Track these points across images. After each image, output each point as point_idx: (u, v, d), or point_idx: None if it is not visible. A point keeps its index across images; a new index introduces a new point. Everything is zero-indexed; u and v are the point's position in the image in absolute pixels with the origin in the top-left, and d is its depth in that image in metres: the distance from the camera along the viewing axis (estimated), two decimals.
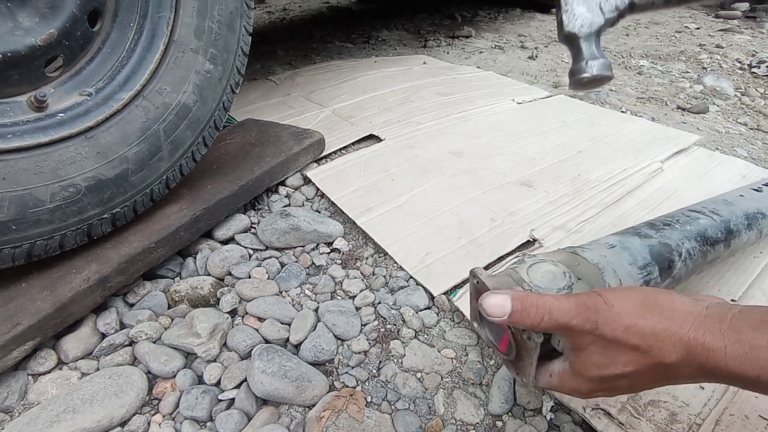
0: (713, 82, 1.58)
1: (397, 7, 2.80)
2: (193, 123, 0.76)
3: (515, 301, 0.40)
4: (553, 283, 0.46)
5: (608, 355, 0.39)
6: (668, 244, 0.54)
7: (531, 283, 0.45)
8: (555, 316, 0.39)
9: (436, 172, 1.00)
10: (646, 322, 0.37)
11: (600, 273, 0.48)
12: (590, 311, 0.39)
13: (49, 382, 0.60)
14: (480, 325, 0.52)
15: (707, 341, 0.35)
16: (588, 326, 0.38)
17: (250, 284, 0.74)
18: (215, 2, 0.76)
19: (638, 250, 0.53)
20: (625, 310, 0.38)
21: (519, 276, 0.46)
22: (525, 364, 0.45)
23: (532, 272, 0.47)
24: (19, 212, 0.60)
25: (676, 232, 0.56)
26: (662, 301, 0.38)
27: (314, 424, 0.55)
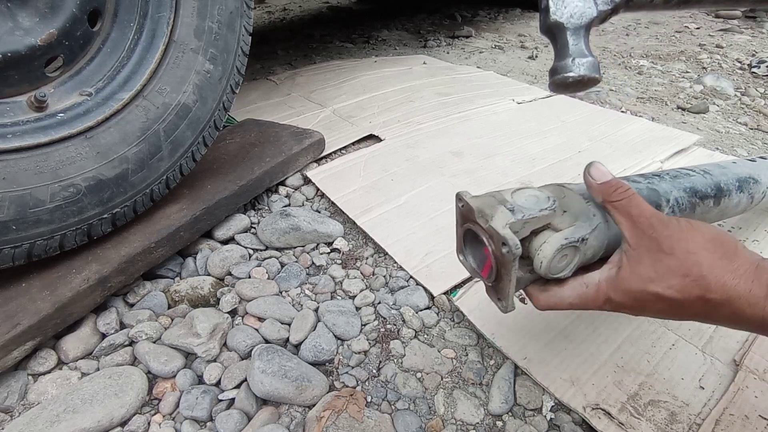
0: (713, 82, 1.58)
1: (397, 7, 2.80)
2: (193, 123, 0.76)
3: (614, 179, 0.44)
4: (536, 204, 0.46)
5: (658, 270, 0.39)
6: (656, 190, 0.53)
7: (514, 203, 0.46)
8: (634, 201, 0.41)
9: (436, 172, 1.00)
10: (708, 255, 0.38)
11: (586, 203, 0.47)
12: (661, 222, 0.40)
13: (49, 382, 0.60)
14: (464, 255, 0.52)
15: (753, 289, 0.37)
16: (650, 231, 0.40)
17: (250, 284, 0.74)
18: (215, 2, 0.76)
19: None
20: (693, 238, 0.39)
21: (502, 197, 0.47)
22: (504, 284, 0.46)
23: (516, 195, 0.47)
24: (19, 212, 0.60)
25: (664, 182, 0.55)
26: (728, 242, 0.40)
27: (314, 424, 0.55)
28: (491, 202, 0.46)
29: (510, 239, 0.42)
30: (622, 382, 0.58)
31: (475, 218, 0.46)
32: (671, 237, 0.39)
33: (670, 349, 0.62)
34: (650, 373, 0.59)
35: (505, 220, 0.44)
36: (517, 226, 0.44)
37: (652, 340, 0.63)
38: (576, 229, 0.45)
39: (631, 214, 0.41)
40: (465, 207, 0.48)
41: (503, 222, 0.44)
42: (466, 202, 0.48)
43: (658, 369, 0.60)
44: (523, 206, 0.45)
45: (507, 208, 0.45)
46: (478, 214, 0.46)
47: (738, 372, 0.58)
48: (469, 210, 0.47)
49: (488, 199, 0.47)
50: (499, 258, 0.45)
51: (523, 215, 0.44)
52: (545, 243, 0.44)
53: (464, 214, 0.49)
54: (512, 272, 0.44)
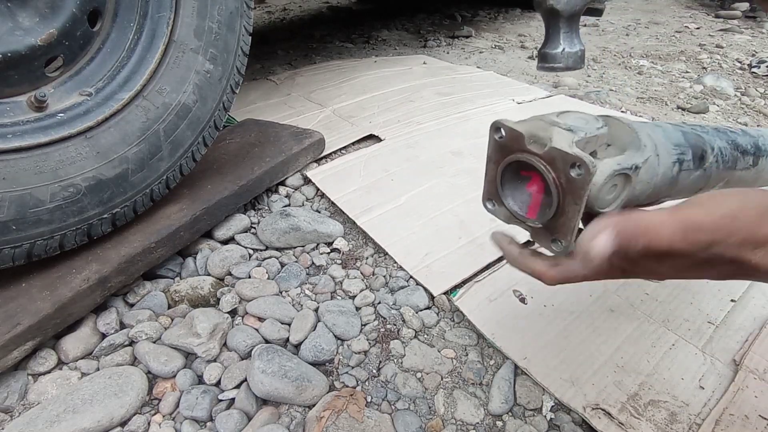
0: (713, 82, 1.58)
1: (397, 7, 2.80)
2: (193, 123, 0.76)
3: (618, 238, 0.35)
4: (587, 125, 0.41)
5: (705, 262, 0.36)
6: (700, 136, 0.49)
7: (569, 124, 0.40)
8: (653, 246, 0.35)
9: (436, 172, 1.00)
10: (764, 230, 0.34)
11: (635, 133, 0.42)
12: (701, 233, 0.34)
13: (49, 382, 0.60)
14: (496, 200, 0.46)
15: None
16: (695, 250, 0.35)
17: (250, 284, 0.74)
18: (215, 2, 0.76)
19: (671, 131, 0.48)
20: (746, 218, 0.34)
21: (551, 119, 0.41)
22: (568, 217, 0.39)
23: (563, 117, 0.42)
24: (19, 212, 0.60)
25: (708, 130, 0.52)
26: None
27: (314, 424, 0.55)
28: (541, 126, 0.40)
29: (585, 157, 0.36)
30: (622, 382, 0.58)
31: (524, 146, 0.40)
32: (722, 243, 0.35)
33: (670, 349, 0.62)
34: (650, 373, 0.59)
35: (568, 140, 0.38)
36: (581, 144, 0.38)
37: (652, 340, 0.63)
38: (628, 156, 0.40)
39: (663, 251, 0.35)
40: (508, 135, 0.41)
41: (568, 140, 0.38)
42: (510, 129, 0.41)
43: (658, 369, 0.60)
44: (576, 125, 0.40)
45: (563, 128, 0.39)
46: (529, 140, 0.39)
47: (738, 372, 0.58)
48: (515, 137, 0.40)
49: (536, 122, 0.41)
50: (565, 185, 0.38)
51: (585, 133, 0.39)
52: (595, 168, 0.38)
53: (506, 145, 0.42)
54: (584, 198, 0.37)
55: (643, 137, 0.43)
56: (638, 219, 0.36)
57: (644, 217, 0.36)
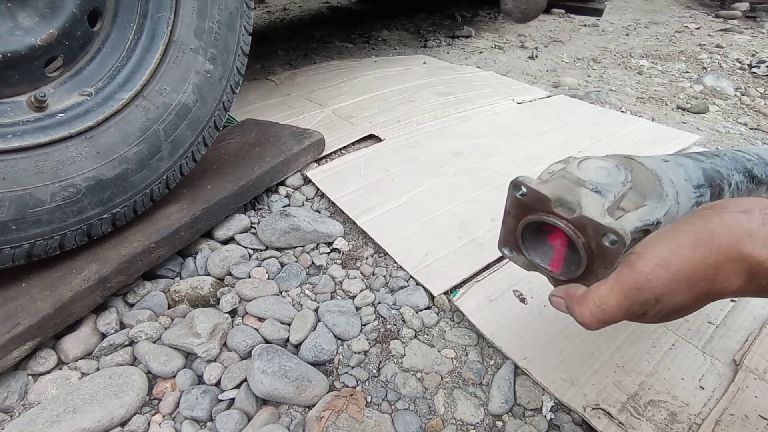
0: (713, 82, 1.58)
1: (397, 7, 2.80)
2: (193, 123, 0.76)
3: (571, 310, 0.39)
4: (610, 178, 0.39)
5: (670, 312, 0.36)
6: (719, 171, 0.49)
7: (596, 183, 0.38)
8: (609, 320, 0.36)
9: (436, 172, 1.00)
10: (707, 262, 0.34)
11: (658, 181, 0.42)
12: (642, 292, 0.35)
13: (49, 382, 0.60)
14: (515, 249, 0.45)
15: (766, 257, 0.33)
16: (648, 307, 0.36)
17: (250, 284, 0.74)
18: (215, 2, 0.76)
19: (692, 169, 0.47)
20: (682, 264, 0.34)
21: (575, 176, 0.39)
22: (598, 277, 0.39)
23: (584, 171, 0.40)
24: (19, 212, 0.60)
25: (726, 162, 0.51)
26: (717, 226, 0.35)
27: (314, 424, 0.55)
28: (568, 186, 0.39)
29: (620, 230, 0.35)
30: (622, 382, 0.58)
31: (550, 208, 0.39)
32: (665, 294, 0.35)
33: (670, 349, 0.62)
34: (650, 373, 0.59)
35: (599, 206, 0.36)
36: (612, 210, 0.37)
37: (652, 340, 0.63)
38: (649, 210, 0.39)
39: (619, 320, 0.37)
40: (531, 196, 0.40)
41: (599, 208, 0.36)
42: (534, 191, 0.39)
43: (658, 369, 0.60)
44: (603, 183, 0.38)
45: (591, 190, 0.37)
46: (555, 204, 0.38)
47: (738, 372, 0.58)
48: (539, 199, 0.39)
49: (562, 182, 0.40)
50: (596, 251, 0.37)
51: (614, 195, 0.37)
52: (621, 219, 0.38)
53: (527, 204, 0.41)
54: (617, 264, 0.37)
55: (666, 185, 0.42)
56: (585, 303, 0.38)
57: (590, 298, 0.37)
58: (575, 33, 2.35)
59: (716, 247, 0.34)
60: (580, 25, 2.49)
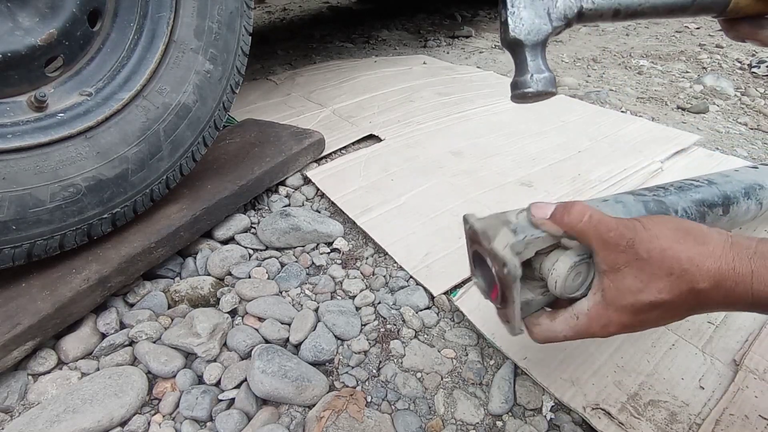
0: (713, 82, 1.58)
1: (397, 7, 2.80)
2: (193, 123, 0.76)
3: (559, 205, 0.43)
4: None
5: (643, 279, 0.39)
6: (663, 202, 0.52)
7: (517, 225, 0.45)
8: (594, 220, 0.41)
9: (436, 172, 1.00)
10: (681, 247, 0.38)
11: None
12: (628, 229, 0.40)
13: (49, 382, 0.60)
14: (474, 274, 0.52)
15: (736, 267, 0.36)
16: (624, 242, 0.39)
17: (250, 284, 0.74)
18: (215, 2, 0.76)
19: (632, 205, 0.51)
20: (661, 234, 0.39)
21: (506, 217, 0.46)
22: (510, 307, 0.45)
23: (521, 216, 0.46)
24: (19, 212, 0.60)
25: (670, 194, 0.54)
26: (694, 229, 0.39)
27: (314, 424, 0.55)
28: (495, 224, 0.46)
29: (509, 261, 0.42)
30: (622, 382, 0.58)
31: (480, 240, 0.46)
32: (642, 242, 0.39)
33: (670, 349, 0.62)
34: (650, 373, 0.59)
35: (506, 241, 0.43)
36: (519, 246, 0.43)
37: (652, 340, 0.63)
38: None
39: (599, 234, 0.40)
40: (470, 229, 0.48)
41: (504, 243, 0.43)
42: (471, 225, 0.47)
43: (658, 369, 0.60)
44: (526, 226, 0.45)
45: (510, 229, 0.44)
46: (482, 236, 0.45)
47: (738, 372, 0.58)
48: (474, 232, 0.47)
49: (492, 220, 0.46)
50: (503, 280, 0.44)
51: (525, 236, 0.43)
52: (558, 262, 0.44)
53: (470, 237, 0.49)
54: (515, 294, 0.43)
55: None
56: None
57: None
58: (575, 33, 2.35)
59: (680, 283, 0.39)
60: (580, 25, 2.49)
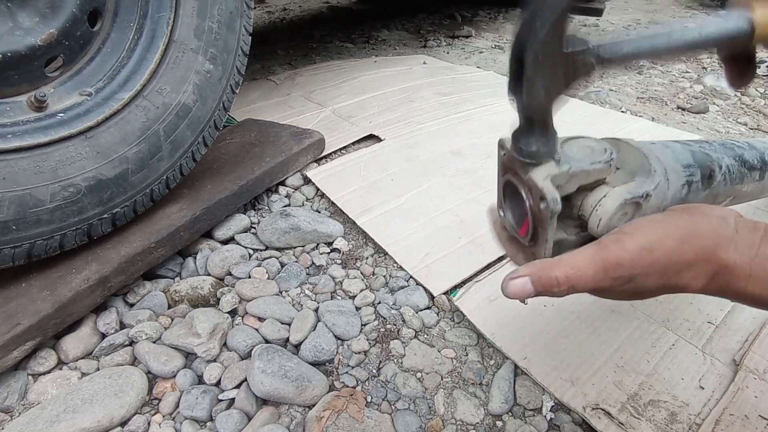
0: (713, 82, 1.58)
1: (397, 7, 2.80)
2: (193, 123, 0.76)
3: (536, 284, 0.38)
4: (588, 156, 0.40)
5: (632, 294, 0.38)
6: (708, 154, 0.49)
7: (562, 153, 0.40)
8: (579, 288, 0.37)
9: (436, 172, 1.00)
10: (686, 258, 0.36)
11: (645, 158, 0.42)
12: (621, 268, 0.36)
13: (49, 382, 0.60)
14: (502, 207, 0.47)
15: (736, 265, 0.35)
16: (619, 283, 0.37)
17: (250, 284, 0.74)
18: (215, 2, 0.76)
19: (680, 151, 0.48)
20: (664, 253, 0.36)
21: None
22: (539, 247, 0.41)
23: (567, 145, 0.42)
24: (19, 212, 0.60)
25: (715, 147, 0.52)
26: (702, 228, 0.37)
27: (314, 424, 0.55)
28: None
29: (549, 194, 0.37)
30: (622, 382, 0.58)
31: (516, 168, 0.41)
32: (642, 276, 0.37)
33: (670, 349, 0.62)
34: (650, 373, 0.59)
35: (547, 172, 0.38)
36: (562, 179, 0.39)
37: (652, 340, 0.63)
38: (638, 183, 0.40)
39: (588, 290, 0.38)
40: (507, 155, 0.42)
41: (545, 173, 0.38)
42: (508, 150, 0.42)
43: (658, 369, 0.60)
44: (572, 157, 0.40)
45: (553, 158, 0.39)
46: (520, 165, 0.40)
47: (738, 372, 0.58)
48: (511, 158, 0.41)
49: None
50: (537, 214, 0.39)
51: (570, 167, 0.39)
52: (605, 197, 0.39)
53: (505, 164, 0.43)
54: (549, 232, 0.39)
55: (653, 162, 0.43)
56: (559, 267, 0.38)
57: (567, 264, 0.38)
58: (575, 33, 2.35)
59: (697, 248, 0.36)
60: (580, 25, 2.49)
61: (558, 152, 0.40)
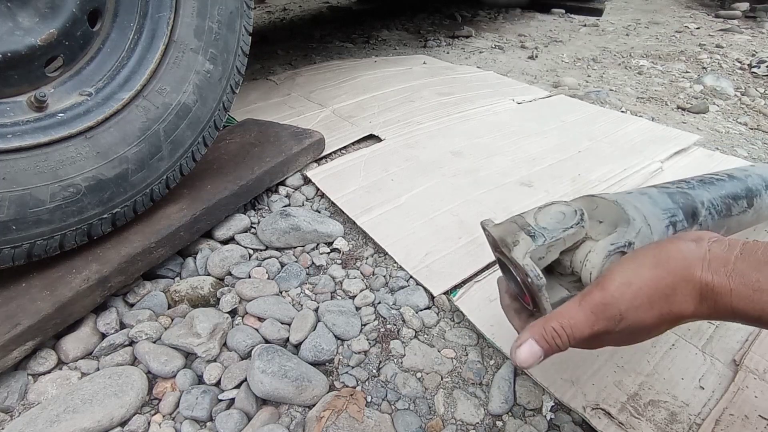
0: (713, 82, 1.58)
1: (397, 7, 2.80)
2: (193, 123, 0.76)
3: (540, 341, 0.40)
4: (561, 223, 0.43)
5: (634, 332, 0.39)
6: (687, 193, 0.51)
7: (536, 226, 0.43)
8: (577, 335, 0.39)
9: (436, 172, 1.00)
10: (665, 282, 0.37)
11: (621, 208, 0.45)
12: (608, 308, 0.38)
13: (49, 382, 0.60)
14: (506, 278, 0.50)
15: (716, 284, 0.36)
16: (613, 324, 0.38)
17: (250, 284, 0.74)
18: (215, 2, 0.76)
19: (657, 196, 0.50)
20: (642, 282, 0.38)
21: (524, 221, 0.44)
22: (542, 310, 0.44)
23: (541, 215, 0.45)
24: (19, 212, 0.60)
25: (694, 188, 0.53)
26: (672, 251, 0.39)
27: (314, 424, 0.55)
28: (513, 229, 0.44)
29: (531, 271, 0.40)
30: (622, 382, 0.58)
31: (500, 248, 0.44)
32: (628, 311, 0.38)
33: (670, 349, 0.62)
34: (650, 373, 0.59)
35: (525, 249, 0.41)
36: (541, 252, 0.42)
37: (652, 340, 0.63)
38: (620, 234, 0.43)
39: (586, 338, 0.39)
40: (489, 236, 0.46)
41: (524, 251, 0.41)
42: (489, 232, 0.46)
43: (658, 369, 0.60)
44: (546, 228, 0.43)
45: (528, 234, 0.42)
46: (501, 244, 0.44)
47: (738, 372, 0.58)
48: (493, 241, 0.45)
49: (510, 225, 0.45)
50: (529, 287, 0.43)
51: (545, 240, 0.42)
52: (591, 252, 0.42)
53: (492, 244, 0.48)
54: (543, 301, 0.42)
55: (630, 211, 0.45)
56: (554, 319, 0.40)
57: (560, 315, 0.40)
58: (575, 33, 2.35)
59: (672, 269, 0.38)
60: (580, 25, 2.49)
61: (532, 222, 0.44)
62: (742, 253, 0.37)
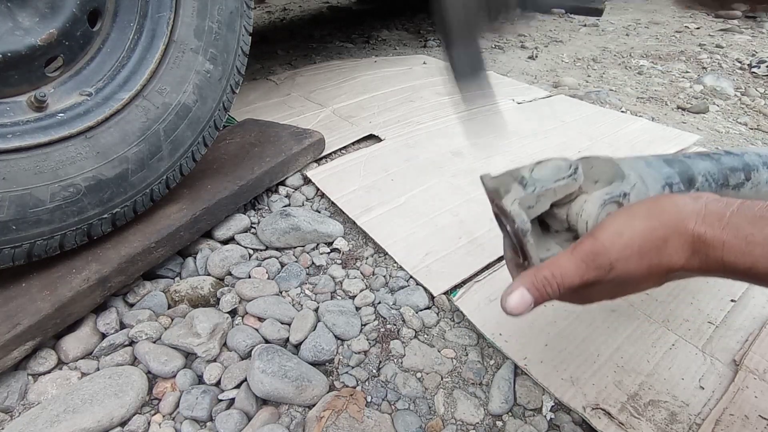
0: (713, 82, 1.58)
1: (397, 7, 2.80)
2: (193, 123, 0.76)
3: (530, 289, 0.40)
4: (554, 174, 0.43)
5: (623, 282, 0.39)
6: (683, 161, 0.52)
7: (529, 178, 0.43)
8: (567, 283, 0.39)
9: (436, 172, 1.00)
10: (657, 233, 0.37)
11: (617, 166, 0.45)
12: (599, 257, 0.38)
13: (49, 382, 0.60)
14: (504, 237, 0.51)
15: (708, 236, 0.36)
16: (603, 273, 0.38)
17: (250, 284, 0.74)
18: (215, 2, 0.76)
19: (653, 160, 0.50)
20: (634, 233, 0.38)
21: (519, 173, 0.44)
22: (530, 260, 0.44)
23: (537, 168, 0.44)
24: (19, 212, 0.60)
25: (689, 155, 0.54)
26: (666, 205, 0.39)
27: (314, 424, 0.55)
28: (506, 180, 0.44)
29: (516, 215, 0.40)
30: (622, 382, 0.58)
31: (493, 198, 0.45)
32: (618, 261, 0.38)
33: (670, 349, 0.62)
34: (650, 373, 0.59)
35: (514, 196, 0.42)
36: (530, 200, 0.42)
37: (652, 340, 0.63)
38: (615, 186, 0.43)
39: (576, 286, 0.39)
40: (486, 189, 0.46)
41: (513, 198, 0.42)
42: (485, 184, 0.45)
43: (658, 369, 0.60)
44: (538, 179, 0.43)
45: (520, 184, 0.42)
46: (494, 194, 0.44)
47: (738, 372, 0.58)
48: (488, 192, 0.45)
49: (505, 177, 0.45)
50: (517, 236, 0.43)
51: (535, 188, 0.42)
52: (586, 203, 0.42)
53: (488, 197, 0.47)
54: (530, 248, 0.42)
55: (625, 168, 0.46)
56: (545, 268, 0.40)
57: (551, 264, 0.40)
58: (575, 33, 2.35)
59: (665, 221, 0.38)
60: (580, 25, 2.49)
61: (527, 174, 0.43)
62: (739, 209, 0.36)
